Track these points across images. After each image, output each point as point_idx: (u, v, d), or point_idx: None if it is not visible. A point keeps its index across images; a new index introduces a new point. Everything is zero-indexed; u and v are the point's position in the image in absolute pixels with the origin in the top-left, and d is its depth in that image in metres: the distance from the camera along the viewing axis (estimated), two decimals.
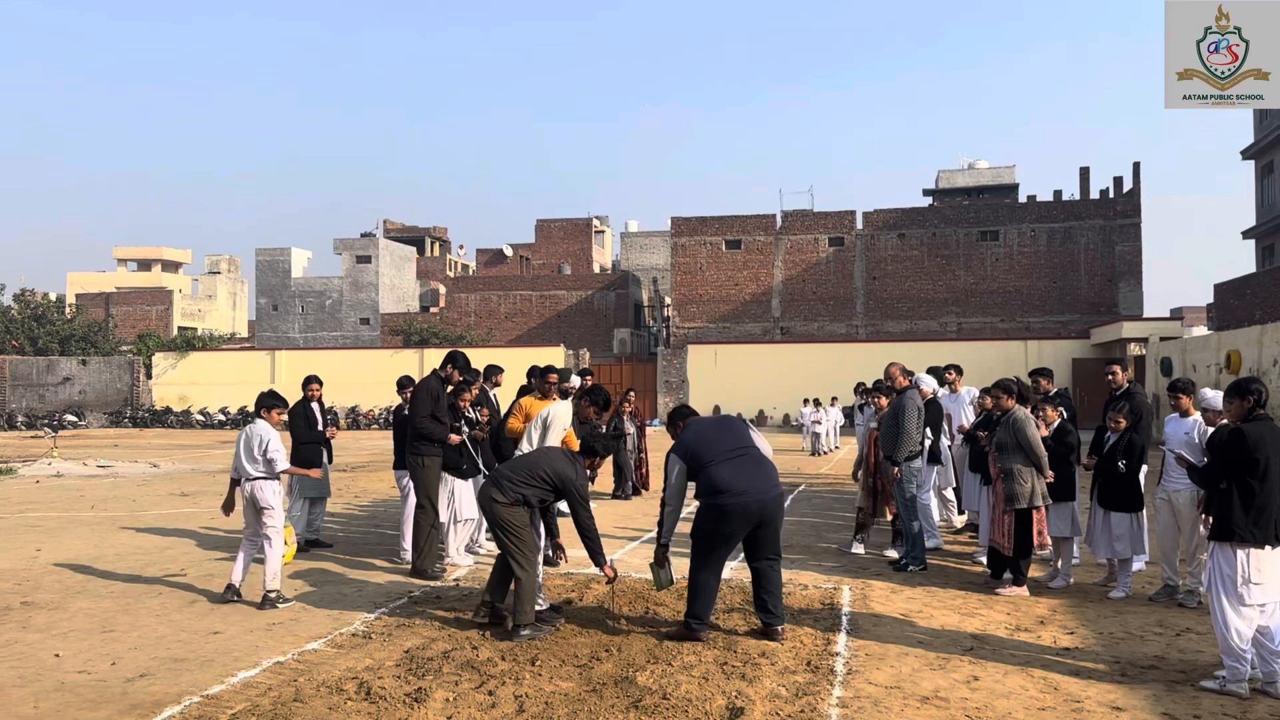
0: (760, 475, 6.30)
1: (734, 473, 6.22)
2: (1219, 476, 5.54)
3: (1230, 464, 5.44)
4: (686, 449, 6.44)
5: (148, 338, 46.86)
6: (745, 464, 6.30)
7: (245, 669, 5.83)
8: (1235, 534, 5.35)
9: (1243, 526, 5.34)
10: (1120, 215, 44.31)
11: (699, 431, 6.56)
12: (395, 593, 7.96)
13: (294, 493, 10.00)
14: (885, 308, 46.09)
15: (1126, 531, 7.95)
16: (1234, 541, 5.37)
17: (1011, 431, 8.00)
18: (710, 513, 6.23)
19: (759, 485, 6.23)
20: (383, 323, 55.82)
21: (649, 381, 41.28)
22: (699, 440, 6.46)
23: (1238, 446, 5.40)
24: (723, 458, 6.29)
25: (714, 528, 6.22)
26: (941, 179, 62.28)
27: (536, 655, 6.00)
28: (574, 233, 69.33)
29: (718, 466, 6.26)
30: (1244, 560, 5.35)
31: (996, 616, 7.19)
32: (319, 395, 10.31)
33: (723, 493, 6.16)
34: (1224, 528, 5.42)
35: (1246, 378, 5.86)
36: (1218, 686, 5.39)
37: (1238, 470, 5.39)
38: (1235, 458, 5.41)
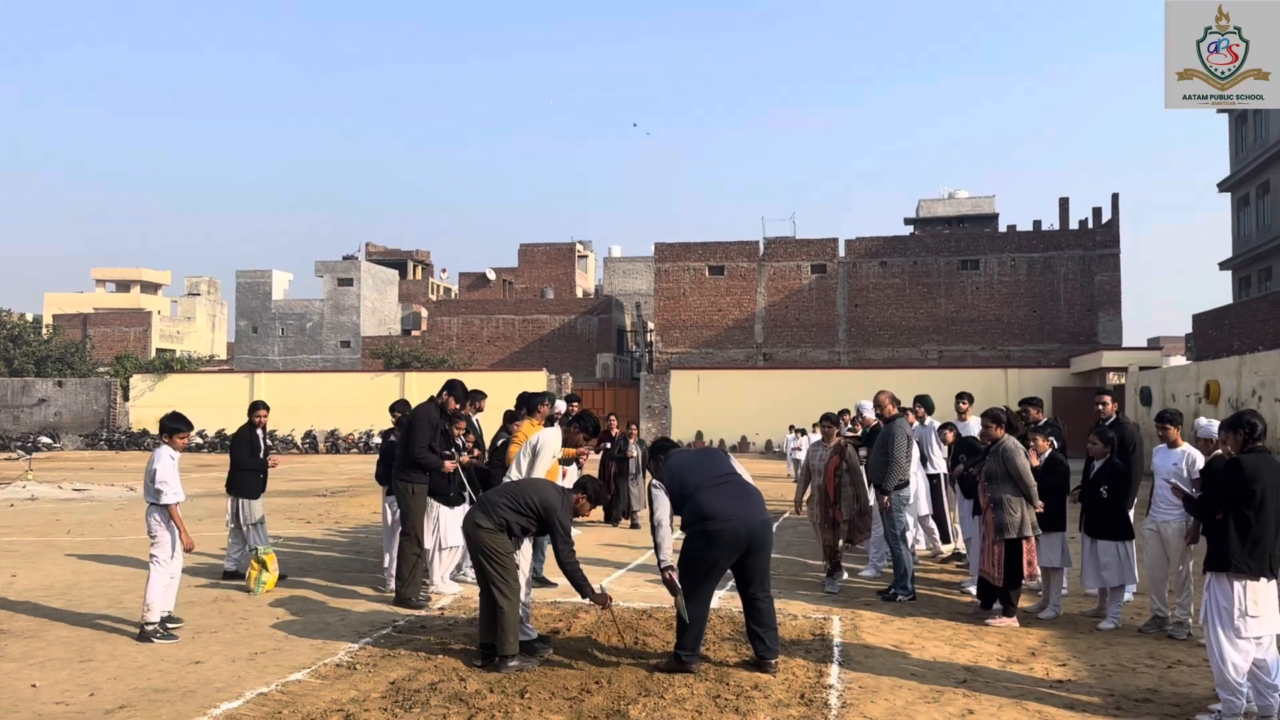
0: (746, 501, 6.26)
1: (720, 499, 6.18)
2: (1215, 507, 5.53)
3: (1227, 495, 5.43)
4: (670, 476, 6.39)
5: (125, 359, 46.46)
6: (731, 490, 6.27)
7: (228, 700, 5.70)
8: (1232, 565, 5.34)
9: (1239, 558, 5.32)
10: (1099, 245, 44.76)
11: (681, 462, 6.54)
12: (379, 622, 7.84)
13: (242, 520, 9.71)
14: (867, 335, 46.30)
15: (1114, 560, 7.95)
16: (1230, 573, 5.35)
17: (1001, 461, 7.99)
18: (698, 540, 6.16)
19: (746, 511, 6.19)
20: (364, 346, 55.58)
21: (631, 407, 41.17)
22: (682, 468, 6.42)
23: (1235, 478, 5.39)
24: (708, 484, 6.26)
25: (701, 555, 6.15)
26: (922, 208, 62.81)
27: (525, 687, 5.90)
28: (557, 257, 69.39)
29: (704, 493, 6.21)
30: (1240, 592, 5.33)
31: (988, 648, 7.15)
32: (264, 421, 10.15)
33: (710, 519, 6.11)
34: (1220, 558, 5.40)
35: (1245, 410, 5.88)
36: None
37: (1235, 501, 5.38)
38: (1232, 489, 5.40)
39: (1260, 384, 21.29)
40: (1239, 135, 39.24)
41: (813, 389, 37.32)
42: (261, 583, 9.02)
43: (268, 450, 10.10)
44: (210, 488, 19.99)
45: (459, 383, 9.06)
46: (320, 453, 38.62)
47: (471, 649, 6.74)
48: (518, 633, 6.44)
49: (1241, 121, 38.83)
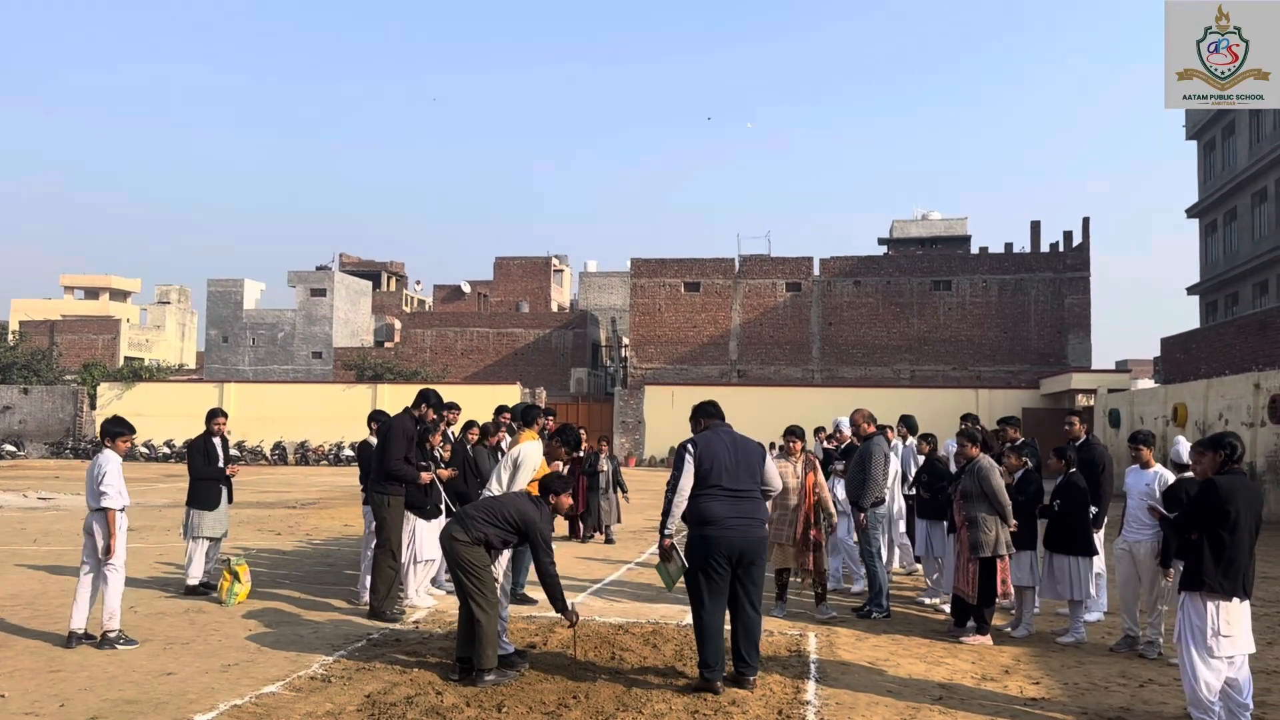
0: (749, 516, 6.26)
1: (725, 509, 6.20)
2: (1190, 527, 5.60)
3: (1202, 515, 5.51)
4: (703, 455, 6.28)
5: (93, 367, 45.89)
6: (740, 503, 6.25)
7: (201, 712, 5.64)
8: (1205, 584, 5.41)
9: (1212, 577, 5.40)
10: (1070, 269, 45.32)
11: (719, 452, 6.33)
12: (353, 635, 7.78)
13: (190, 533, 9.57)
14: (840, 353, 46.56)
15: (1065, 574, 8.04)
16: (1203, 592, 5.43)
17: (976, 480, 8.06)
18: (697, 545, 6.21)
19: (745, 524, 6.21)
20: (336, 357, 55.20)
21: (605, 422, 41.13)
22: (714, 459, 6.28)
23: (1210, 498, 5.47)
24: (721, 494, 6.23)
25: (701, 561, 6.19)
26: (896, 229, 63.30)
27: (503, 702, 5.88)
28: (533, 271, 69.32)
29: (714, 499, 6.21)
30: (1214, 612, 5.40)
31: (962, 665, 7.19)
32: (223, 429, 10.00)
33: (709, 524, 6.17)
34: (1194, 578, 5.47)
35: (1226, 432, 5.98)
36: None
37: (1209, 522, 5.46)
38: (1208, 510, 5.48)
39: (1227, 407, 21.61)
40: (1208, 162, 39.93)
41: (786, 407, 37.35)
42: (234, 594, 8.93)
43: (227, 459, 9.97)
44: (176, 498, 19.75)
45: (433, 391, 9.03)
46: (290, 464, 38.27)
47: (448, 663, 6.70)
48: (496, 646, 6.41)
49: (1210, 149, 39.52)
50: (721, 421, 6.66)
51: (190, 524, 9.59)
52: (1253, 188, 35.35)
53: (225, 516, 9.89)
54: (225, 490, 9.83)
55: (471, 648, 6.32)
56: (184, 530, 9.71)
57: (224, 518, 9.85)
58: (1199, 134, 39.98)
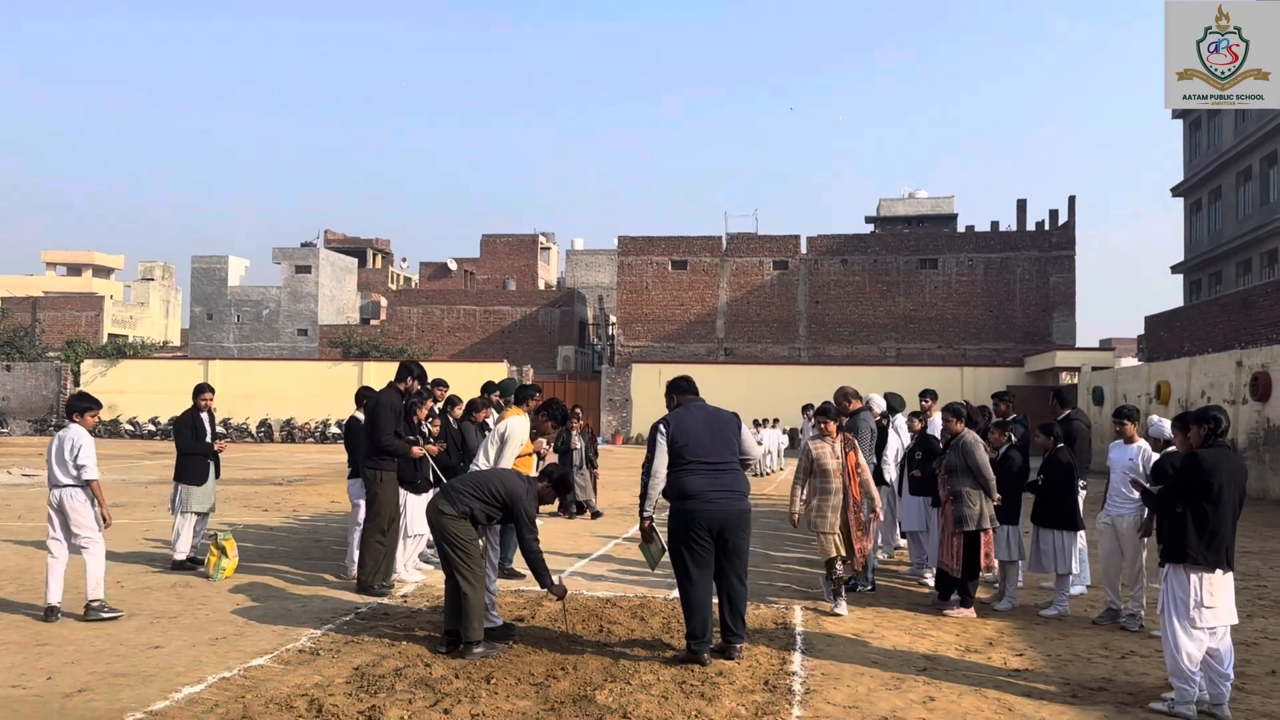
0: (729, 489, 6.29)
1: (704, 482, 6.22)
2: (1174, 501, 5.65)
3: (1186, 488, 5.56)
4: (675, 431, 6.31)
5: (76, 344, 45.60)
6: (719, 476, 6.28)
7: (189, 684, 5.64)
8: (1189, 557, 5.47)
9: (1196, 550, 5.46)
10: (1055, 247, 45.47)
11: (692, 426, 6.35)
12: (341, 609, 7.79)
13: (177, 507, 9.57)
14: (827, 332, 46.66)
15: (1051, 548, 8.15)
16: (1187, 564, 5.49)
17: (961, 455, 8.12)
18: (680, 518, 6.24)
19: (725, 497, 6.23)
20: (321, 334, 54.99)
21: (593, 399, 41.18)
22: (688, 434, 6.31)
23: (1194, 472, 5.52)
24: (701, 468, 6.25)
25: (682, 535, 6.22)
26: (883, 207, 63.34)
27: (491, 673, 5.90)
28: (520, 249, 69.13)
29: (692, 474, 6.23)
30: (1196, 584, 5.46)
31: (946, 638, 7.26)
32: (210, 405, 9.96)
33: (689, 498, 6.19)
34: (1178, 550, 5.53)
35: (1208, 406, 6.02)
36: (1166, 708, 5.48)
37: (1193, 495, 5.51)
38: (1191, 483, 5.53)
39: (1209, 385, 21.78)
40: (1193, 141, 40.04)
41: (773, 384, 37.62)
42: (221, 569, 8.93)
43: (214, 435, 9.95)
44: (162, 475, 19.72)
45: (415, 363, 8.99)
46: (275, 441, 38.19)
47: (436, 636, 6.73)
48: (483, 619, 6.44)
49: (1195, 128, 39.61)
50: (695, 396, 6.67)
51: (178, 498, 9.57)
52: (1237, 167, 35.48)
53: (213, 491, 9.88)
54: (213, 465, 9.81)
55: (459, 621, 6.34)
56: (171, 505, 9.69)
57: (211, 493, 9.83)
58: (1185, 113, 40.03)
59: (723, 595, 6.38)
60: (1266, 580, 9.95)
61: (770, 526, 13.74)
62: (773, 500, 17.92)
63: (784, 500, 17.93)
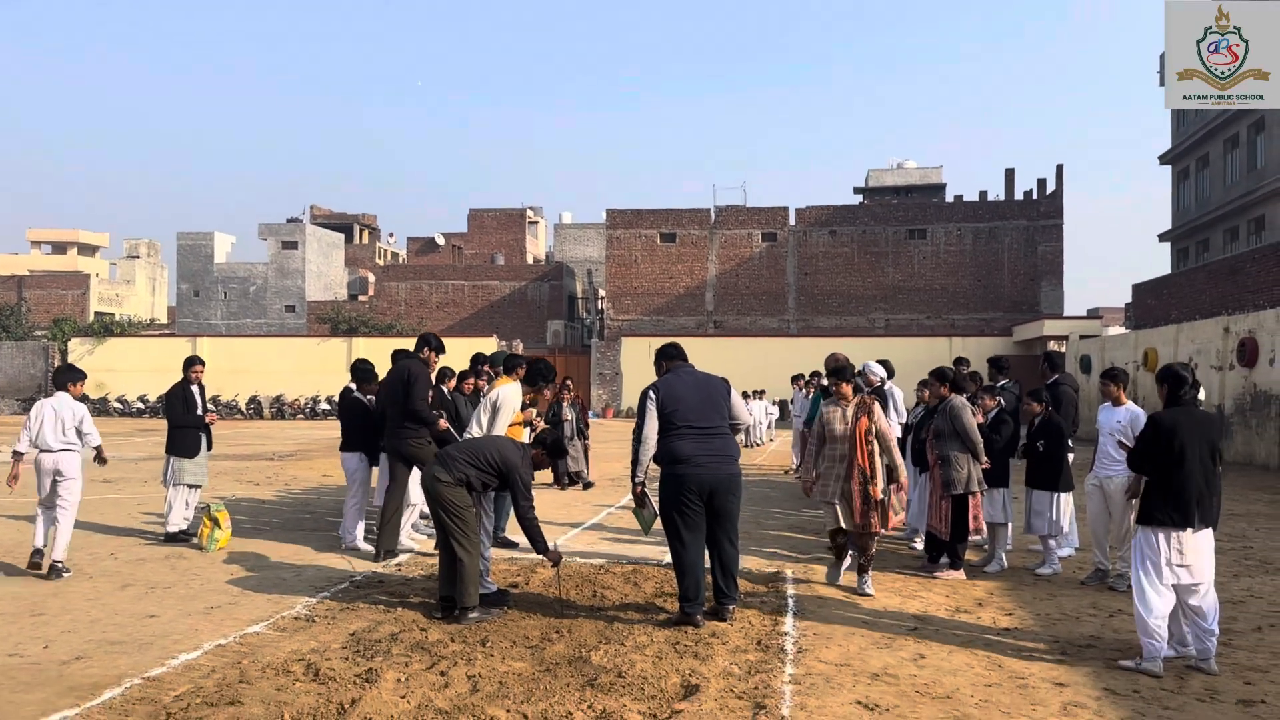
0: (719, 454, 6.32)
1: (694, 447, 6.26)
2: (1140, 464, 5.74)
3: (1147, 451, 5.64)
4: (664, 398, 6.34)
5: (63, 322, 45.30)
6: (709, 441, 6.32)
7: (186, 651, 5.68)
8: (1154, 518, 5.55)
9: (1161, 510, 5.53)
10: (1043, 216, 45.50)
11: (682, 392, 6.39)
12: (335, 577, 7.82)
13: (169, 480, 9.58)
14: (816, 303, 46.69)
15: (1045, 508, 8.26)
16: (1154, 525, 5.57)
17: (949, 419, 8.17)
18: (669, 483, 6.29)
19: (715, 462, 6.28)
20: (309, 310, 54.77)
21: (583, 373, 41.21)
22: (676, 399, 6.35)
23: (1154, 434, 5.60)
24: (690, 433, 6.29)
25: (673, 499, 6.27)
26: (871, 178, 63.26)
27: (487, 637, 5.95)
28: (507, 223, 68.84)
29: (682, 438, 6.27)
30: (1163, 542, 5.53)
31: (936, 599, 7.33)
32: (200, 378, 9.95)
33: (679, 462, 6.23)
34: (1145, 512, 5.63)
35: (1172, 363, 6.05)
36: (1134, 665, 5.55)
37: (1155, 457, 5.59)
38: (1152, 445, 5.61)
39: (1196, 351, 21.90)
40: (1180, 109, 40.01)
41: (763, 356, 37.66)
42: (214, 540, 8.94)
43: (205, 408, 9.94)
44: (152, 452, 19.70)
45: (433, 335, 9.04)
46: (265, 418, 38.13)
47: (431, 602, 6.77)
48: (478, 585, 6.48)
49: None
50: (684, 362, 6.72)
51: (170, 471, 9.58)
52: (1224, 134, 35.51)
53: (205, 464, 9.87)
54: (205, 438, 9.81)
55: (454, 587, 6.38)
56: (164, 478, 9.69)
57: (204, 465, 9.83)
58: None
59: (714, 558, 6.45)
60: (1253, 541, 10.07)
61: (760, 495, 13.83)
62: (763, 470, 18.01)
63: (773, 470, 18.04)
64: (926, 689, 5.13)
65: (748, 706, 4.78)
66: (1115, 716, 4.77)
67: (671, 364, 6.69)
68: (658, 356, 6.83)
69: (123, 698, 4.86)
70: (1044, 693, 5.12)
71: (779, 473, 17.36)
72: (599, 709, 4.66)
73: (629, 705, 4.73)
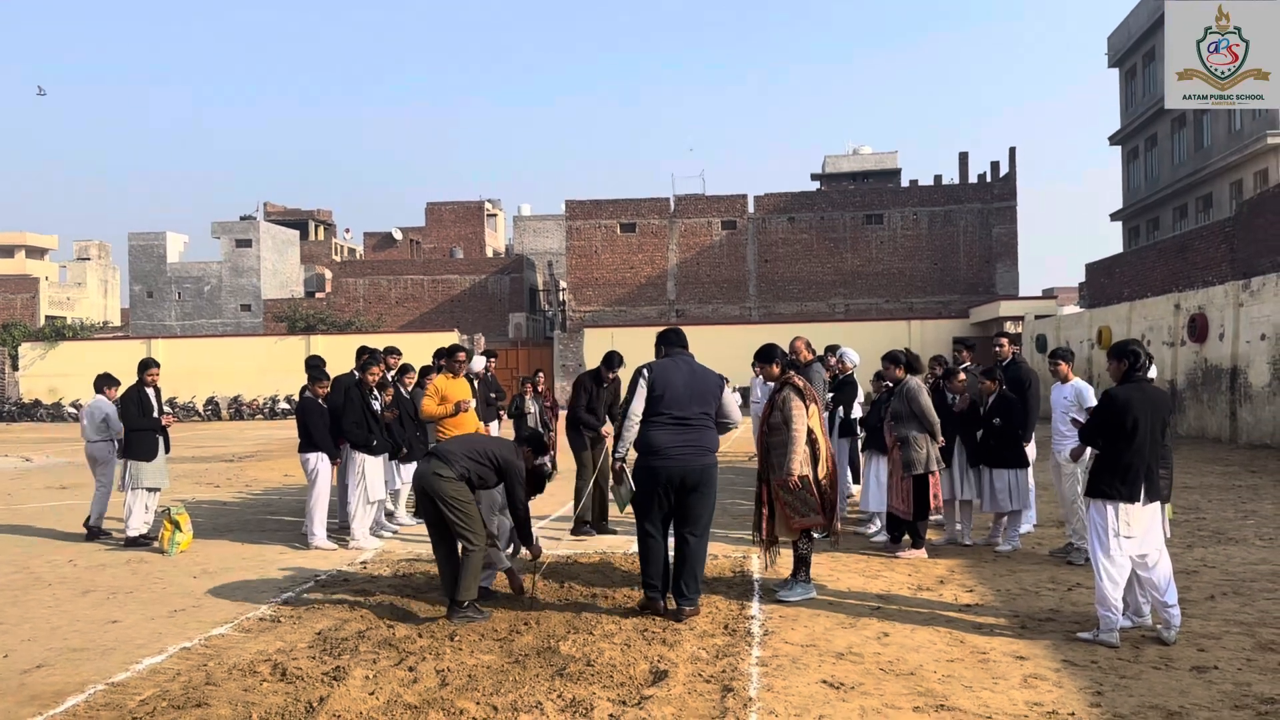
0: (694, 446, 6.27)
1: (670, 437, 6.23)
2: (1092, 438, 5.87)
3: (1100, 426, 5.76)
4: (656, 382, 6.29)
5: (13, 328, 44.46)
6: (686, 432, 6.26)
7: (150, 656, 5.62)
8: (1103, 491, 5.67)
9: (1110, 484, 5.65)
10: (997, 199, 46.03)
11: (673, 377, 6.33)
12: (300, 578, 7.78)
13: (127, 484, 9.48)
14: (777, 290, 46.92)
15: (1006, 486, 8.39)
16: (1101, 497, 5.69)
17: (905, 401, 8.28)
18: (641, 472, 6.30)
19: (687, 454, 6.22)
20: (266, 309, 54.10)
21: (546, 365, 41.11)
22: (666, 385, 6.28)
23: (1106, 410, 5.72)
24: (669, 422, 6.25)
25: (646, 489, 6.27)
26: (828, 164, 63.58)
27: (455, 631, 5.96)
28: (466, 216, 68.35)
29: (661, 427, 6.24)
30: (1113, 515, 5.65)
31: (898, 578, 7.44)
32: (155, 380, 9.86)
33: (653, 454, 6.22)
34: (1095, 485, 5.74)
35: (1126, 340, 6.18)
36: (1091, 637, 5.68)
37: (1107, 432, 5.71)
38: (1104, 420, 5.73)
39: (1149, 328, 22.32)
40: (1129, 90, 40.63)
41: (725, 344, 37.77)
42: (175, 543, 8.85)
43: (161, 410, 9.82)
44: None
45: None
46: (224, 419, 37.68)
47: (397, 601, 6.78)
48: (478, 579, 6.45)
49: (1131, 76, 40.18)
50: (684, 350, 6.66)
51: (127, 475, 9.46)
52: (1172, 114, 36.08)
53: (164, 467, 9.77)
54: (162, 441, 9.70)
55: (455, 589, 6.33)
56: (122, 482, 9.57)
57: (163, 469, 9.72)
58: (1120, 62, 40.61)
59: (677, 552, 6.36)
60: (1205, 513, 10.30)
61: (725, 481, 13.90)
62: (727, 457, 18.12)
63: (738, 456, 18.15)
64: (890, 666, 5.22)
65: (716, 689, 4.83)
66: (1074, 687, 4.87)
67: (671, 349, 6.63)
68: (659, 340, 6.74)
69: (87, 704, 4.80)
70: (1005, 666, 5.22)
71: (744, 459, 17.47)
72: (569, 698, 4.69)
73: (598, 693, 4.76)
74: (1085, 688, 4.86)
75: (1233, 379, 18.49)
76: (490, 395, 12.03)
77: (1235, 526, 9.43)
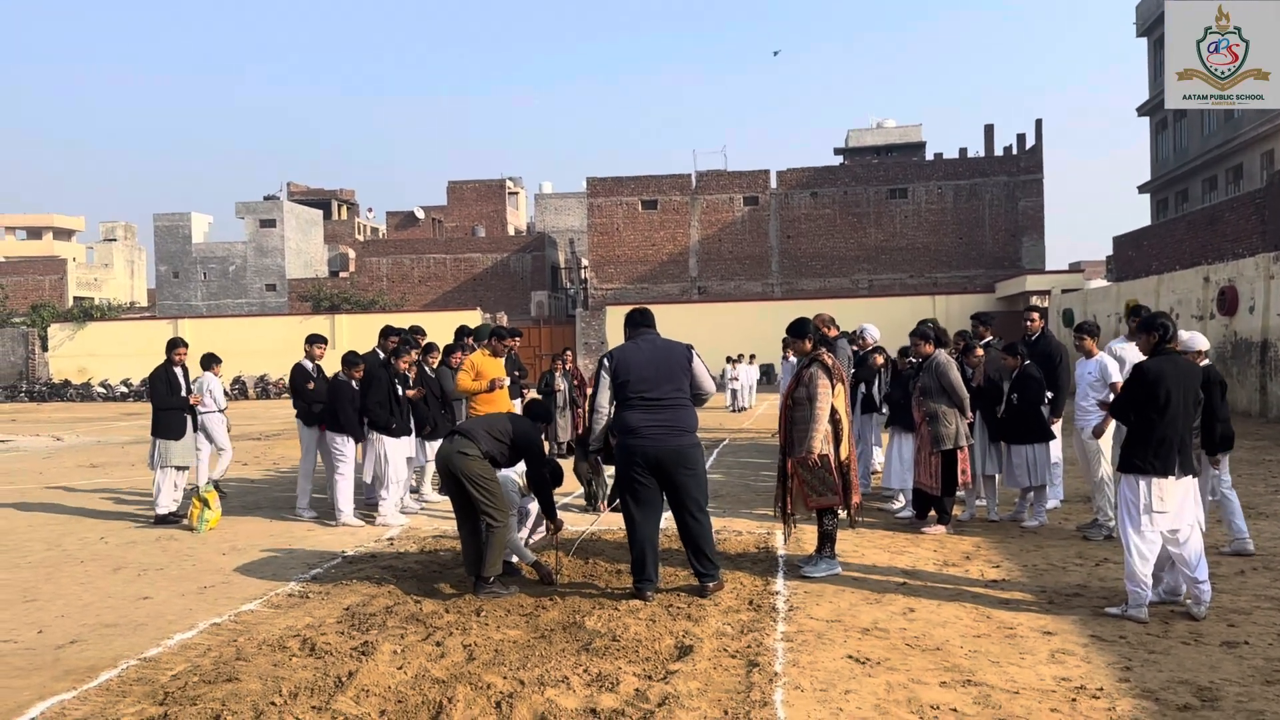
0: (669, 424, 6.12)
1: (644, 417, 6.10)
2: (1124, 412, 5.80)
3: (1132, 399, 5.69)
4: (617, 369, 6.19)
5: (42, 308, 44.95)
6: (659, 411, 6.12)
7: (181, 631, 5.69)
8: (1136, 465, 5.60)
9: (1143, 458, 5.58)
10: (1023, 171, 45.51)
11: (636, 359, 6.21)
12: (328, 555, 7.84)
13: (156, 463, 9.53)
14: (799, 266, 46.68)
15: (1025, 462, 8.34)
16: (1134, 472, 5.62)
17: (935, 376, 8.22)
18: (620, 455, 6.20)
19: (663, 433, 6.09)
20: (290, 289, 54.42)
21: (568, 343, 41.14)
22: (630, 368, 6.17)
23: (1139, 383, 5.64)
24: (641, 403, 6.13)
25: (623, 470, 6.19)
26: (851, 138, 63.08)
27: (481, 607, 6.00)
28: (487, 194, 68.33)
29: (633, 409, 6.13)
30: (1145, 490, 5.58)
31: (924, 554, 7.41)
32: (183, 359, 9.89)
33: (628, 434, 6.12)
34: (1127, 460, 5.67)
35: (1155, 313, 6.09)
36: (1120, 612, 5.64)
37: (1139, 405, 5.64)
38: (1136, 393, 5.65)
39: (1177, 302, 22.05)
40: (1158, 59, 39.96)
41: (748, 321, 37.72)
42: (204, 520, 8.94)
43: (189, 389, 9.91)
44: (138, 435, 19.65)
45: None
46: (250, 399, 37.99)
47: (424, 576, 6.83)
48: (503, 556, 6.48)
49: (1160, 45, 39.50)
50: (648, 329, 6.50)
51: (157, 454, 9.55)
52: None
53: (192, 445, 9.87)
54: (190, 419, 9.79)
55: (480, 566, 6.36)
56: (150, 460, 9.67)
57: (191, 446, 9.82)
58: (1149, 31, 39.93)
59: (683, 534, 6.26)
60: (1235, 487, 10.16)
61: (748, 458, 13.90)
62: (750, 434, 18.10)
63: (760, 434, 18.12)
64: (916, 641, 5.20)
65: (741, 664, 4.84)
66: (1102, 662, 4.85)
67: (635, 331, 6.49)
68: (625, 322, 6.65)
69: (119, 679, 4.87)
70: (1032, 642, 5.20)
71: (767, 436, 17.43)
72: (595, 672, 4.71)
73: (624, 668, 4.78)
74: (1113, 663, 4.83)
75: (1263, 352, 18.25)
76: (514, 374, 12.08)
77: (1266, 501, 9.33)
